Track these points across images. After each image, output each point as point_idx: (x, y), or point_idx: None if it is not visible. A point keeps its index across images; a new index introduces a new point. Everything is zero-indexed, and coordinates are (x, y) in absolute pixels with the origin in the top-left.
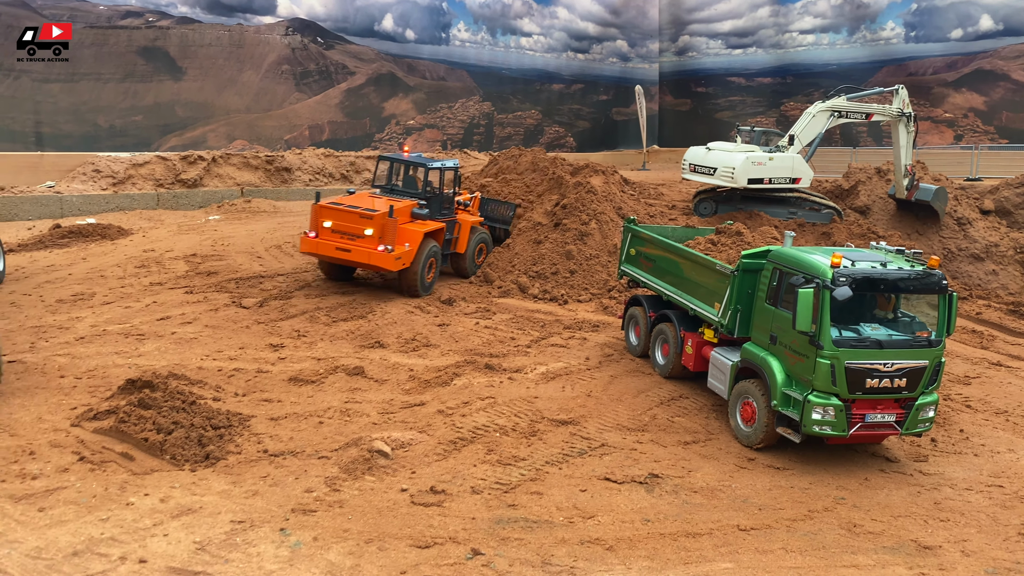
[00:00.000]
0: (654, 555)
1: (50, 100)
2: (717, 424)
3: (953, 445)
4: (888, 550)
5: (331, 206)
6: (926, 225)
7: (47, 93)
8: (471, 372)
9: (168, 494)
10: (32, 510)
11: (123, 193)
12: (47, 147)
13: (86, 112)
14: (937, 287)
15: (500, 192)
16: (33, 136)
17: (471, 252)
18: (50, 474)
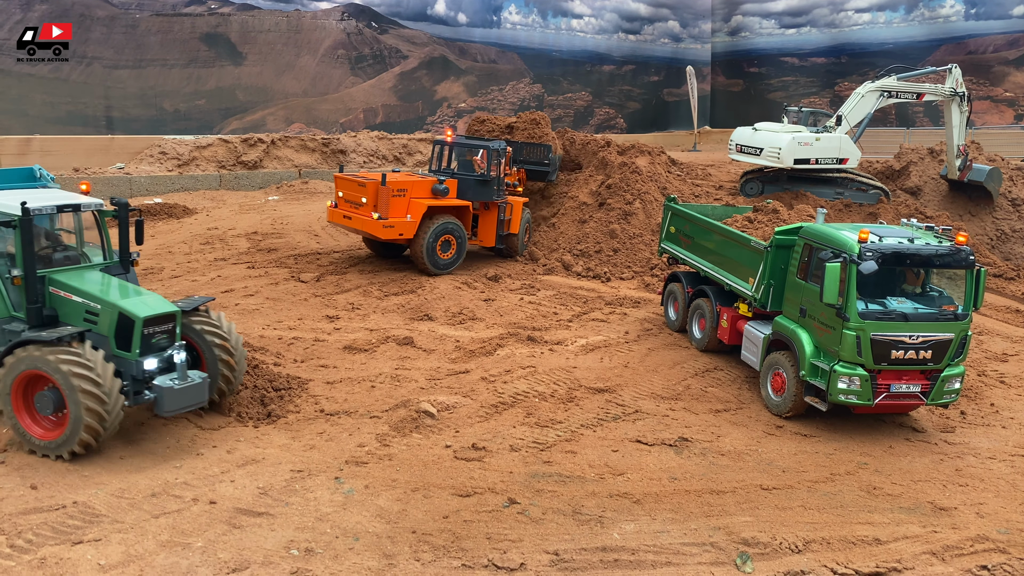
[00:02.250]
0: (678, 508)
1: (119, 86)
2: (749, 395)
3: (982, 418)
4: (904, 510)
5: (342, 176)
6: (979, 206)
7: (116, 79)
8: (513, 343)
9: (234, 447)
10: (115, 458)
11: (188, 174)
12: (117, 130)
13: (152, 97)
14: (964, 262)
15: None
16: (104, 120)
17: (522, 232)
18: (129, 428)
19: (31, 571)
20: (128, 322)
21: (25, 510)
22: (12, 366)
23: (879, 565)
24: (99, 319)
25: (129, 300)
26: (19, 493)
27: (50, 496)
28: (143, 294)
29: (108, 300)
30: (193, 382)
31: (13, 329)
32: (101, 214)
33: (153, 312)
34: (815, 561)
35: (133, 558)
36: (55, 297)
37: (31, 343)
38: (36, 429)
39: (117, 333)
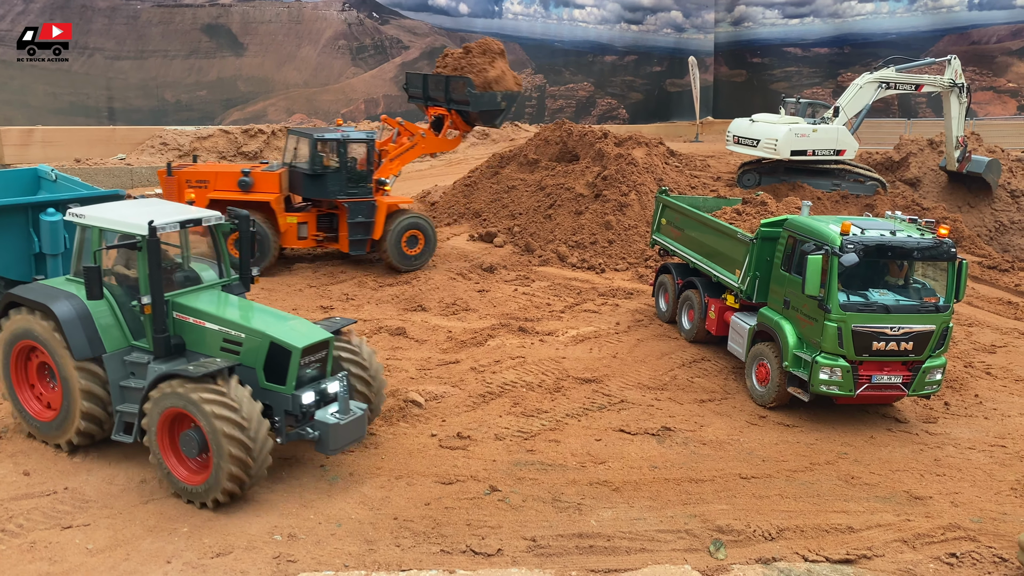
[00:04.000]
0: (656, 496)
1: (121, 77)
2: (735, 385)
3: (966, 409)
4: (880, 499)
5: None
6: (978, 198)
7: (118, 70)
8: (505, 334)
9: None
10: (108, 443)
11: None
12: (118, 121)
13: (154, 88)
14: (946, 255)
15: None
16: (106, 111)
17: (393, 240)
18: None
19: (20, 555)
20: (282, 353)
21: (16, 496)
22: (157, 402)
23: (850, 552)
24: (243, 349)
25: (279, 327)
26: (11, 479)
27: (41, 482)
28: (289, 319)
29: (256, 328)
30: (355, 415)
31: (136, 360)
32: (218, 228)
33: (310, 341)
34: (787, 548)
35: (120, 542)
36: (180, 323)
37: (176, 377)
38: (181, 471)
39: (267, 365)
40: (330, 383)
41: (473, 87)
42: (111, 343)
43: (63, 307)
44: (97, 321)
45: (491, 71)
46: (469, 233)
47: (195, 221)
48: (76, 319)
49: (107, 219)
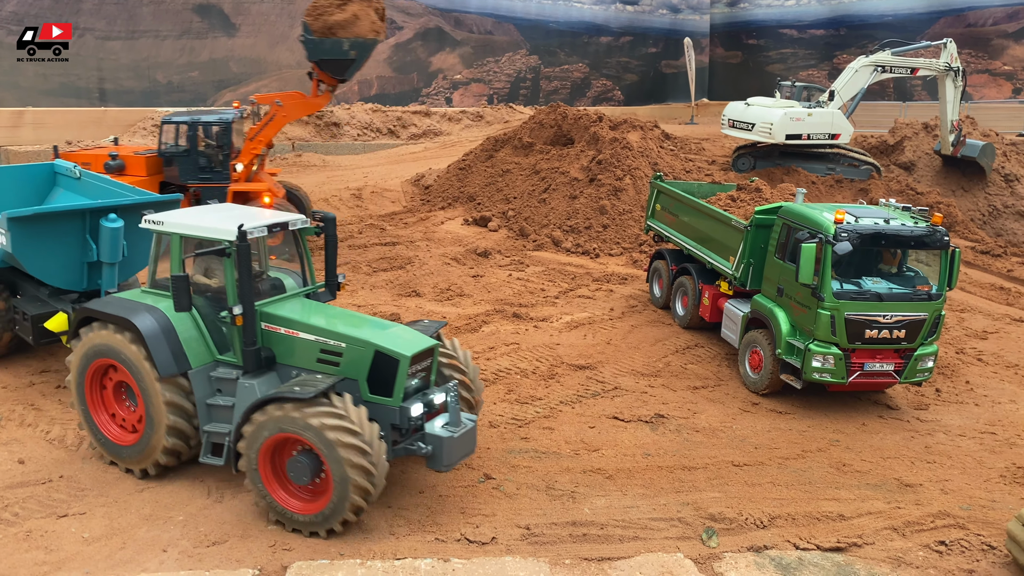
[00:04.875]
0: (649, 484)
1: (112, 57)
2: (728, 372)
3: (956, 395)
4: (871, 487)
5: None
6: (972, 182)
7: (109, 51)
8: (499, 320)
9: None
10: None
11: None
12: (110, 102)
13: (146, 68)
14: (939, 243)
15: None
16: (97, 92)
17: None
18: None
19: (16, 543)
20: (389, 363)
21: (12, 484)
22: (255, 432)
23: (840, 540)
24: (344, 360)
25: (382, 335)
26: (7, 467)
27: (37, 471)
28: (389, 326)
29: (358, 337)
30: (467, 427)
31: (224, 376)
32: (302, 232)
33: (418, 349)
34: (779, 536)
35: (116, 531)
36: (269, 334)
37: (279, 401)
38: (294, 503)
39: (371, 376)
40: (436, 394)
41: (309, 32)
42: (196, 358)
43: (146, 321)
44: (181, 335)
45: (337, 14)
46: (463, 217)
47: (282, 225)
48: (160, 333)
49: (189, 225)
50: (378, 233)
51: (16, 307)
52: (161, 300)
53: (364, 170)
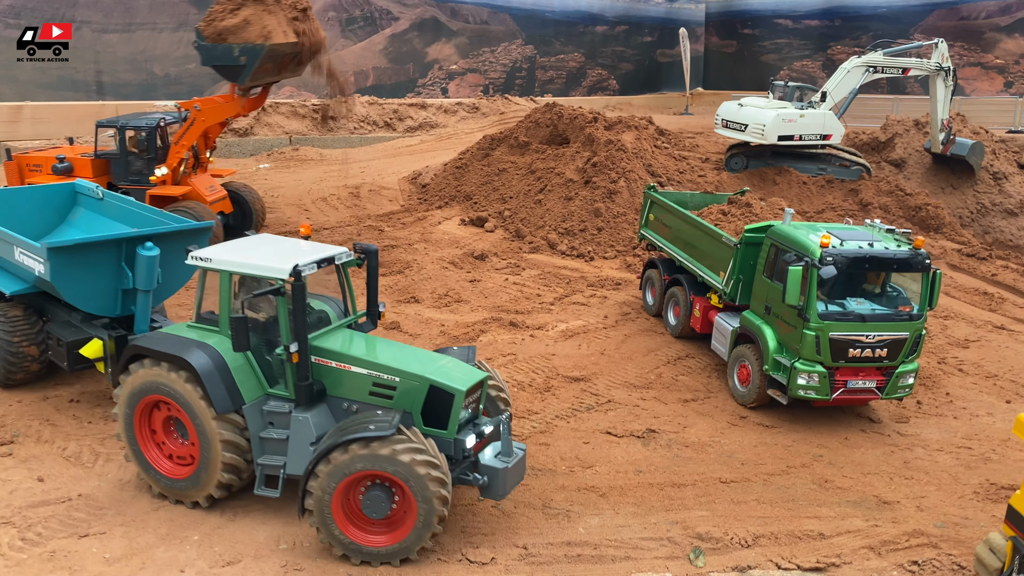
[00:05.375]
0: (640, 502)
1: (109, 50)
2: (717, 383)
3: (936, 408)
4: (851, 504)
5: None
6: (961, 179)
7: (106, 44)
8: (496, 329)
9: None
10: (117, 448)
11: None
12: (107, 95)
13: (143, 61)
14: (920, 266)
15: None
16: (94, 85)
17: None
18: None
19: (41, 564)
20: (444, 397)
21: (34, 503)
22: (334, 471)
23: (819, 560)
24: (398, 393)
25: (435, 369)
26: (27, 486)
27: (56, 488)
28: (439, 358)
29: (412, 372)
30: (518, 456)
31: (276, 410)
32: (345, 264)
33: (472, 383)
34: (762, 556)
35: (135, 551)
36: (320, 367)
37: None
38: (372, 538)
39: (425, 408)
40: (486, 424)
41: (202, 38)
42: (249, 393)
43: (200, 358)
44: (233, 371)
45: (228, 19)
46: (460, 217)
47: (329, 260)
48: (214, 371)
49: (239, 263)
50: (376, 235)
51: (50, 332)
52: (210, 335)
53: (361, 163)
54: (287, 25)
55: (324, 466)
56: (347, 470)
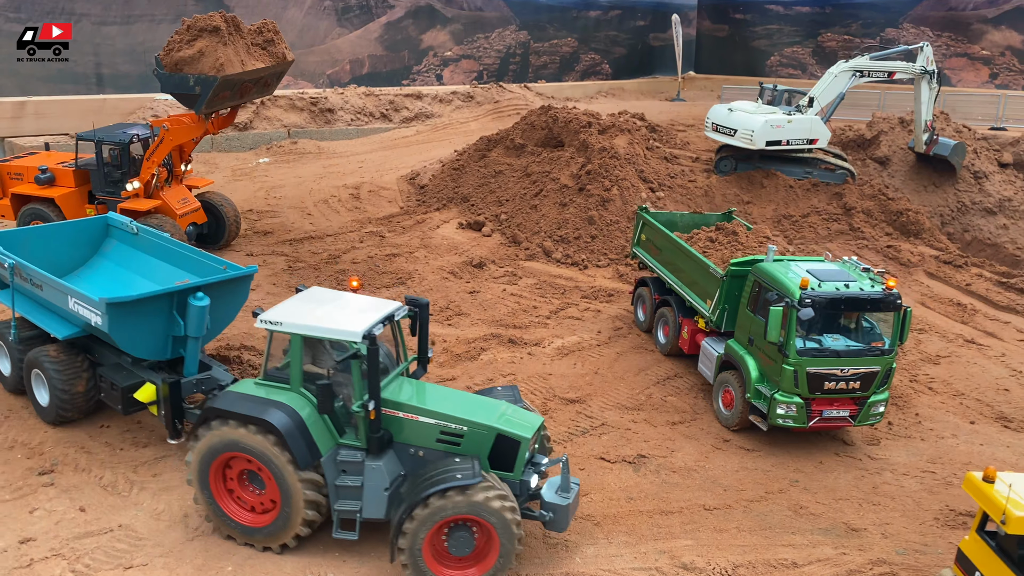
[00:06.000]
0: (632, 531)
1: (108, 42)
2: (703, 404)
3: (906, 429)
4: (822, 531)
5: None
6: (943, 178)
7: (105, 36)
8: (496, 347)
9: None
10: (148, 476)
11: None
12: (107, 87)
13: (141, 53)
14: (892, 306)
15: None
16: (94, 77)
17: None
18: (152, 442)
19: None
20: (510, 444)
21: (79, 534)
22: (427, 518)
23: None
24: (465, 441)
25: (500, 418)
26: (71, 516)
27: (97, 519)
28: (499, 406)
29: (479, 421)
30: (575, 491)
31: (348, 459)
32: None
33: (535, 429)
34: None
35: None
36: (388, 418)
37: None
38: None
39: (491, 454)
40: (542, 461)
41: (160, 66)
42: (324, 446)
43: (281, 419)
44: (309, 427)
45: (184, 50)
46: (458, 220)
47: (390, 317)
48: (295, 429)
49: (311, 327)
50: (378, 242)
51: (102, 376)
52: (282, 393)
53: (359, 157)
54: (245, 54)
55: (421, 510)
56: (441, 515)
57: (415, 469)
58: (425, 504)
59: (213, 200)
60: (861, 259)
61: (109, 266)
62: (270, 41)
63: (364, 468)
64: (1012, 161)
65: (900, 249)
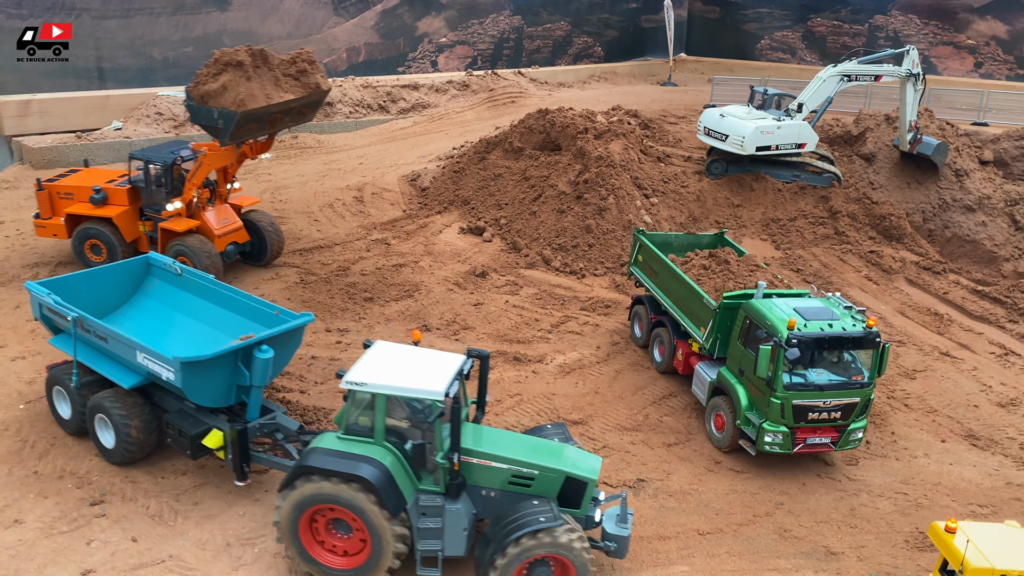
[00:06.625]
0: (632, 557)
1: (109, 36)
2: (696, 424)
3: (882, 448)
4: (804, 555)
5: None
6: (926, 175)
7: (105, 30)
8: (502, 364)
9: None
10: (189, 503)
11: (184, 135)
12: (108, 80)
13: (142, 46)
14: (871, 343)
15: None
16: (95, 71)
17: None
18: (189, 470)
19: None
20: (578, 484)
21: (135, 565)
22: (516, 556)
23: None
24: (536, 483)
25: (566, 461)
26: (125, 546)
27: (149, 548)
28: (562, 448)
29: (549, 466)
30: (631, 520)
31: (429, 503)
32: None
33: (598, 470)
34: None
35: None
36: (463, 464)
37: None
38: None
39: (560, 494)
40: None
41: (189, 98)
42: (408, 493)
43: (372, 473)
44: (395, 476)
45: (210, 83)
46: (459, 224)
47: (461, 372)
48: (385, 480)
49: (394, 387)
50: (384, 251)
51: (169, 422)
52: (366, 447)
53: (359, 151)
54: (272, 87)
55: (512, 549)
56: (529, 554)
57: (486, 508)
58: (516, 543)
59: (256, 219)
60: (843, 294)
61: (153, 305)
62: (303, 71)
63: (444, 511)
64: (992, 159)
65: (883, 255)
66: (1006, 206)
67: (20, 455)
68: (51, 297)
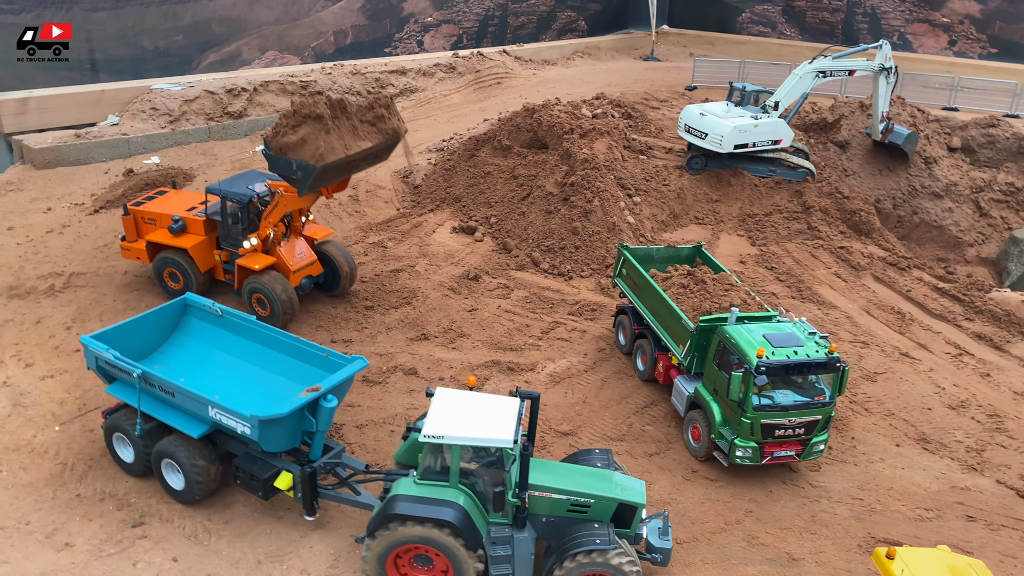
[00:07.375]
0: None
1: (100, 28)
2: (675, 433)
3: (843, 454)
4: (769, 562)
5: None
6: (896, 163)
7: (96, 22)
8: (497, 374)
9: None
10: (220, 522)
11: (180, 130)
12: (101, 72)
13: (133, 36)
14: (833, 368)
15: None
16: (88, 63)
17: (245, 298)
18: (219, 492)
19: None
20: (629, 509)
21: None
22: (573, 570)
23: None
24: (591, 509)
25: (618, 489)
26: (167, 567)
27: (189, 568)
28: (611, 476)
29: (603, 495)
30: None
31: (498, 534)
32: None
33: (644, 494)
34: None
35: None
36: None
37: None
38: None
39: (613, 517)
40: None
41: (268, 148)
42: (482, 528)
43: (455, 516)
44: (472, 515)
45: (289, 135)
46: (451, 223)
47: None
48: (466, 521)
49: (467, 437)
50: (381, 254)
51: (239, 467)
52: (444, 491)
53: None
54: (351, 137)
55: (569, 563)
56: (585, 569)
57: (546, 533)
58: (573, 559)
59: (329, 251)
60: (808, 323)
61: (194, 344)
62: (380, 117)
63: (512, 539)
64: (960, 146)
65: (852, 251)
66: (972, 192)
67: (62, 478)
68: (110, 352)
